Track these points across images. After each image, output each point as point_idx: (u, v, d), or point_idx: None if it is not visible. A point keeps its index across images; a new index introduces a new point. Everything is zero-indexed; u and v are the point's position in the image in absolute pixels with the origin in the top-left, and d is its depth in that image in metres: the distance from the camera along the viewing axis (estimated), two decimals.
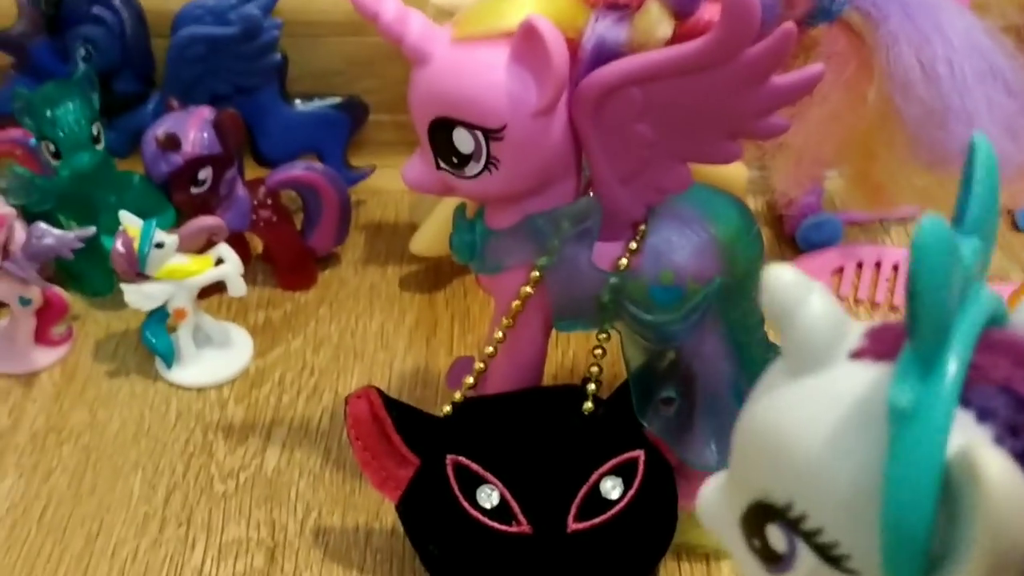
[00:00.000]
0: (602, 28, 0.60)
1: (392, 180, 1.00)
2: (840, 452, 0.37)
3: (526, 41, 0.58)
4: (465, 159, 0.62)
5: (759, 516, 0.39)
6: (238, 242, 0.92)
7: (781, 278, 0.38)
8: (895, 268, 0.96)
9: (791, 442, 0.38)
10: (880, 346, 0.38)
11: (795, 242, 0.99)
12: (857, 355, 0.38)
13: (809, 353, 0.38)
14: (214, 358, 0.89)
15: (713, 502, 0.43)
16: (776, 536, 0.39)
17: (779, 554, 0.39)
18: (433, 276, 0.98)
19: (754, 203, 1.01)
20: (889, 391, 0.35)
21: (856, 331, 0.39)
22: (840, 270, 0.96)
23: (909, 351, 0.35)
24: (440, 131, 0.62)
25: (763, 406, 0.40)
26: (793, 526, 0.38)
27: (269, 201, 0.94)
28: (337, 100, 1.03)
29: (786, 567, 0.39)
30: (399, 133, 1.05)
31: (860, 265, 0.96)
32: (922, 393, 0.35)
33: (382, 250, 1.01)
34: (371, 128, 1.05)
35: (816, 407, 0.38)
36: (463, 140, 0.61)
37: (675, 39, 0.60)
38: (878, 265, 0.96)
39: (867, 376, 0.37)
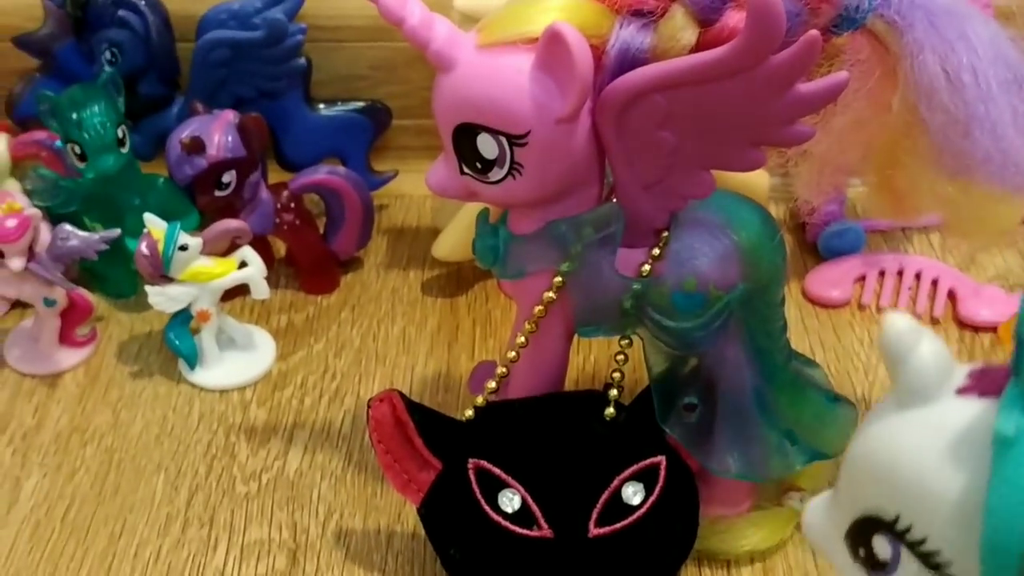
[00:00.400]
0: (626, 35, 0.60)
1: (415, 184, 1.01)
2: (947, 473, 0.42)
3: (551, 48, 0.58)
4: (489, 164, 0.62)
5: (867, 528, 0.45)
6: (261, 245, 0.93)
7: (896, 325, 0.44)
8: (917, 276, 0.95)
9: (902, 464, 0.43)
10: (984, 385, 0.43)
11: (817, 249, 0.99)
12: (962, 391, 0.44)
13: (920, 391, 0.44)
14: (237, 360, 0.89)
15: (819, 519, 0.49)
16: (882, 545, 0.44)
17: (883, 561, 0.44)
18: (455, 280, 0.98)
19: (776, 209, 1.01)
20: (996, 420, 0.40)
21: (961, 372, 0.45)
22: (862, 278, 0.96)
23: (1014, 387, 0.41)
24: (464, 136, 0.62)
25: (875, 434, 0.45)
26: (899, 536, 0.43)
27: (292, 205, 0.94)
28: (360, 105, 1.03)
29: (889, 572, 0.44)
30: (422, 138, 1.05)
31: (882, 273, 0.96)
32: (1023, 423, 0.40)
33: (404, 254, 1.02)
34: (394, 133, 1.06)
35: (927, 434, 0.43)
36: (487, 145, 0.62)
37: (699, 46, 0.60)
38: (900, 273, 0.96)
39: (972, 410, 0.43)
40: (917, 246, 1.00)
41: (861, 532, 0.46)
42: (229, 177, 0.89)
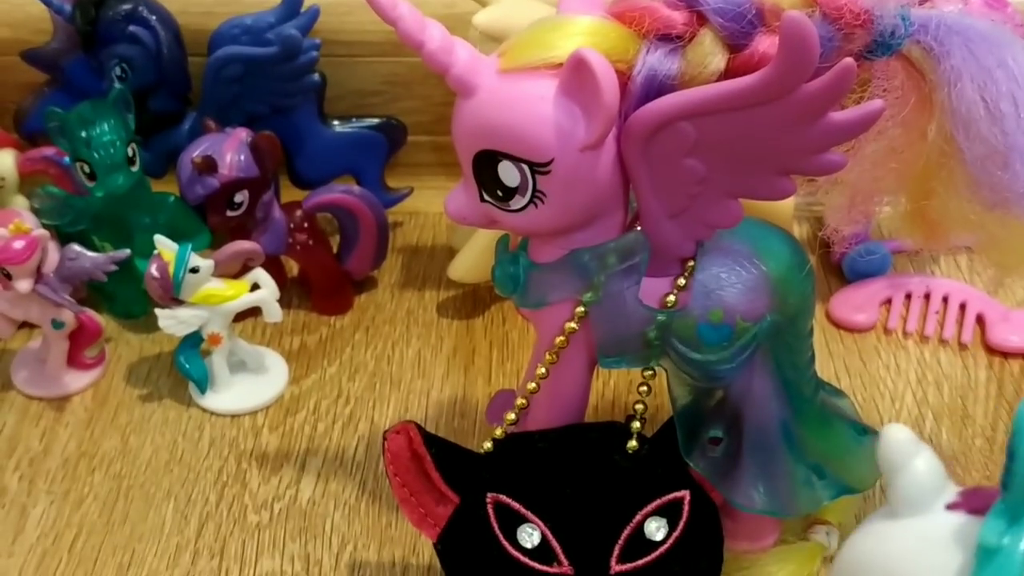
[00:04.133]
0: (653, 60, 0.58)
1: (430, 202, 1.00)
2: None
3: (576, 74, 0.56)
4: (510, 192, 0.60)
5: None
6: (273, 265, 0.91)
7: (895, 436, 0.49)
8: (944, 300, 0.94)
9: (889, 570, 0.48)
10: (973, 503, 0.48)
11: (841, 271, 0.97)
12: (952, 507, 0.48)
13: (912, 502, 0.49)
14: (248, 384, 0.88)
15: None
16: None
17: None
18: (471, 301, 0.96)
19: (799, 230, 0.99)
20: (981, 531, 0.45)
21: (952, 489, 0.49)
22: (888, 301, 0.94)
23: (1002, 503, 0.45)
24: (485, 163, 0.60)
25: (866, 540, 0.51)
26: None
27: (306, 224, 0.92)
28: (375, 121, 1.01)
29: None
30: (437, 154, 1.04)
31: (909, 296, 0.94)
32: (1007, 535, 0.44)
33: (419, 274, 1.00)
34: (409, 149, 1.04)
35: (915, 544, 0.48)
36: (508, 173, 0.60)
37: (728, 72, 0.58)
38: (927, 297, 0.94)
39: (959, 524, 0.47)
40: (944, 268, 0.98)
41: None
42: (241, 197, 0.87)
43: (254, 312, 0.88)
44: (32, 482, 0.80)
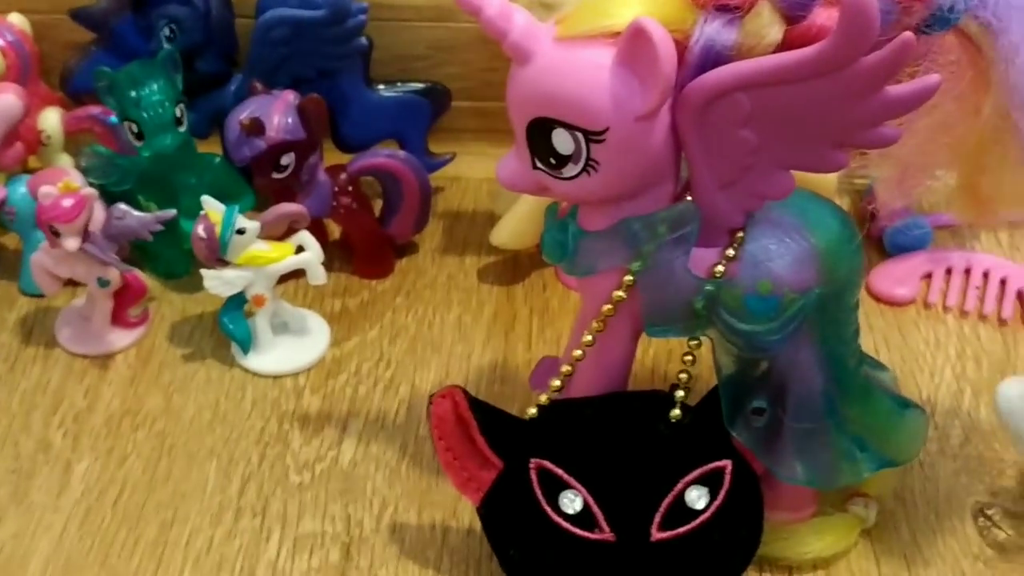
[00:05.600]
0: (711, 30, 0.58)
1: (472, 167, 1.00)
2: None
3: (634, 43, 0.56)
4: (563, 160, 0.61)
5: None
6: (316, 228, 0.91)
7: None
8: (985, 275, 0.93)
9: None
10: None
11: (881, 244, 0.97)
12: None
13: None
14: (290, 345, 0.88)
15: None
16: None
17: None
18: (512, 268, 0.96)
19: (840, 203, 0.98)
20: None
21: None
22: (928, 275, 0.94)
23: None
24: (539, 131, 0.60)
25: None
26: None
27: (350, 188, 0.92)
28: (420, 86, 1.01)
29: None
30: (480, 120, 1.03)
31: (949, 271, 0.94)
32: None
33: (460, 239, 1.00)
34: (452, 114, 1.04)
35: None
36: (562, 141, 0.60)
37: (785, 44, 0.58)
38: (968, 272, 0.94)
39: None
40: (984, 243, 0.98)
41: None
42: (288, 159, 0.87)
43: (296, 274, 0.89)
44: (76, 438, 0.81)
